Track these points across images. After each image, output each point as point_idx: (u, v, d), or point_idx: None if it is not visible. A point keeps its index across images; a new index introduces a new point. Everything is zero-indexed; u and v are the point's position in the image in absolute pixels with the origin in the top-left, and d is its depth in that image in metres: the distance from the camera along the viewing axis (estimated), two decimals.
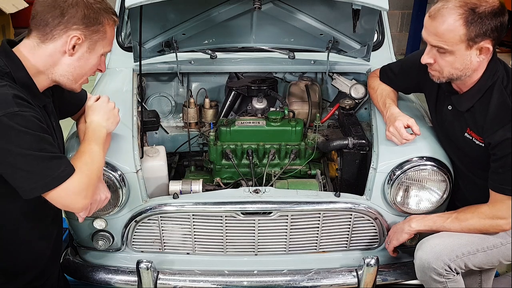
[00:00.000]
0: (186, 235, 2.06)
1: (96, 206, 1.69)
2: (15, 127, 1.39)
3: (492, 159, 1.79)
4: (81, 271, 2.12)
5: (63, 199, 1.52)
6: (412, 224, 1.93)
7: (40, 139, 1.45)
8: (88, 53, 1.59)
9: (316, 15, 2.43)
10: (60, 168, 1.48)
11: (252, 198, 1.97)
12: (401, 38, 7.18)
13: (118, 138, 1.99)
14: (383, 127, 2.10)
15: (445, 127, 2.00)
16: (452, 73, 1.78)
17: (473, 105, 1.84)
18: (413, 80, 2.16)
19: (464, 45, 1.69)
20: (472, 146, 1.87)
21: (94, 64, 1.63)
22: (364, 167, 2.21)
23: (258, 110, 2.59)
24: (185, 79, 2.82)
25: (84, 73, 1.63)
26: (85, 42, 1.56)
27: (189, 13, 2.38)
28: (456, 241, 1.84)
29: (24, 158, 1.41)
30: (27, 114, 1.42)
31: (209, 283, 2.04)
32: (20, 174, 1.44)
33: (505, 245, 1.86)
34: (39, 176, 1.45)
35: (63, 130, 1.86)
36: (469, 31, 1.66)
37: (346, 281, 2.03)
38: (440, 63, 1.78)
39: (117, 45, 2.80)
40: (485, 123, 1.78)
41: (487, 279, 2.16)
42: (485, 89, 1.80)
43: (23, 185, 1.46)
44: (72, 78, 1.61)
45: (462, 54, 1.72)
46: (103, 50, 1.63)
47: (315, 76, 2.85)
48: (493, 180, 1.80)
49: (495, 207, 1.81)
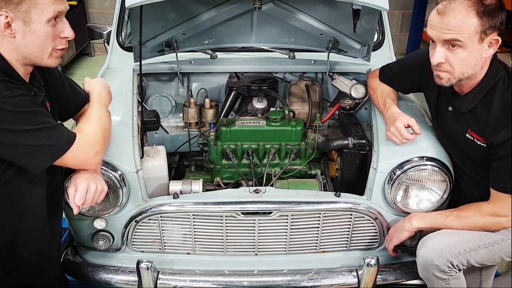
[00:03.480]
0: (186, 235, 2.06)
1: (92, 196, 1.66)
2: (11, 110, 1.40)
3: (493, 158, 1.79)
4: (81, 271, 2.12)
5: (75, 161, 1.60)
6: (413, 221, 1.93)
7: (37, 114, 1.47)
8: (27, 26, 1.45)
9: (317, 15, 2.43)
10: (63, 135, 1.53)
11: (252, 198, 1.97)
12: (401, 38, 7.18)
13: (118, 138, 1.99)
14: (383, 127, 2.10)
15: (446, 128, 2.00)
16: (463, 71, 1.76)
17: (475, 106, 1.84)
18: (414, 80, 2.16)
19: (478, 37, 1.69)
20: (473, 146, 1.87)
21: (46, 34, 1.49)
22: (364, 167, 2.21)
23: (258, 110, 2.59)
24: (185, 79, 2.82)
25: (41, 47, 1.51)
26: (17, 18, 1.43)
27: (189, 13, 2.38)
28: (458, 238, 1.85)
29: (27, 134, 1.44)
30: (19, 94, 1.43)
31: (209, 283, 2.04)
32: (26, 150, 1.46)
33: (506, 241, 1.86)
34: (46, 147, 1.48)
35: None
36: (483, 22, 1.67)
37: (346, 281, 2.03)
38: (452, 61, 1.75)
39: (117, 45, 2.81)
40: (488, 123, 1.78)
41: (486, 279, 2.16)
42: (487, 90, 1.81)
43: (32, 160, 1.47)
44: (34, 57, 1.52)
45: (475, 48, 1.71)
46: (44, 17, 1.46)
47: (315, 76, 2.85)
48: (494, 179, 1.81)
49: (496, 205, 1.81)
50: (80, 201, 1.64)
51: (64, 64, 6.20)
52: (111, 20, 3.00)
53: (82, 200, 1.64)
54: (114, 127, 1.99)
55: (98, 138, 1.67)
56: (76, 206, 1.65)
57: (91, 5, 6.99)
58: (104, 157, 1.84)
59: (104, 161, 1.86)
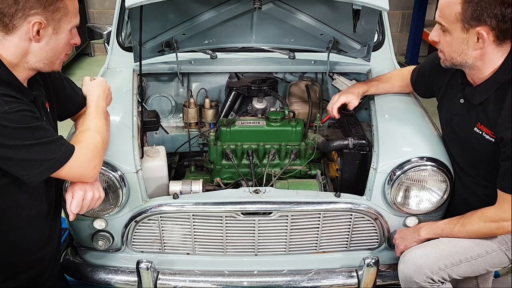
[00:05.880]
0: (186, 235, 2.06)
1: (88, 204, 1.66)
2: (9, 125, 1.40)
3: (502, 158, 1.73)
4: (81, 271, 2.12)
5: (72, 174, 1.60)
6: (421, 233, 1.92)
7: (35, 129, 1.46)
8: (55, 34, 1.51)
9: (317, 15, 2.43)
10: (61, 149, 1.52)
11: (252, 198, 1.97)
12: (402, 38, 7.17)
13: (118, 138, 1.99)
14: (383, 127, 2.10)
15: (454, 121, 1.95)
16: (452, 56, 1.78)
17: (487, 98, 1.79)
18: (428, 80, 2.17)
19: (460, 25, 1.68)
20: (480, 141, 1.82)
21: (65, 42, 1.56)
22: (364, 167, 2.21)
23: (258, 110, 2.59)
24: (185, 79, 2.82)
25: (58, 53, 1.57)
26: (49, 25, 1.48)
27: (189, 13, 2.38)
28: (438, 253, 1.82)
29: (23, 148, 1.43)
30: (18, 110, 1.43)
31: (209, 283, 2.04)
32: (24, 163, 1.46)
33: (491, 254, 1.83)
34: (43, 162, 1.48)
35: (63, 130, 1.87)
36: (464, 11, 1.65)
37: (346, 282, 2.03)
38: (442, 43, 1.80)
39: (117, 45, 2.81)
40: (500, 117, 1.72)
41: (484, 281, 2.15)
42: (500, 83, 1.75)
43: (28, 173, 1.48)
44: (47, 62, 1.55)
45: (459, 37, 1.71)
46: (70, 26, 1.54)
47: (315, 76, 2.85)
48: (503, 180, 1.74)
49: (501, 208, 1.77)
50: (76, 209, 1.64)
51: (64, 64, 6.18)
52: (111, 20, 3.00)
53: (78, 208, 1.64)
54: (114, 127, 1.99)
55: (97, 151, 1.64)
56: (72, 214, 1.65)
57: (91, 5, 6.99)
58: (104, 157, 1.83)
59: (104, 161, 1.85)
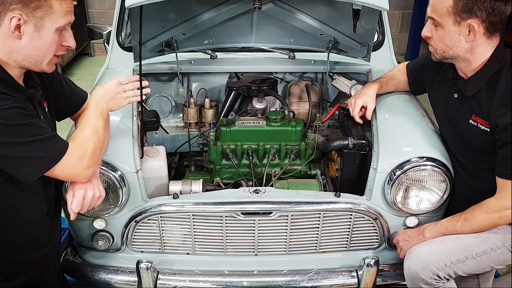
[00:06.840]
0: (186, 235, 2.06)
1: (89, 202, 1.66)
2: (1, 122, 1.39)
3: (498, 145, 1.75)
4: (81, 271, 2.12)
5: (65, 174, 1.58)
6: (426, 234, 1.92)
7: (28, 126, 1.45)
8: (37, 32, 1.47)
9: (316, 15, 2.43)
10: (53, 148, 1.50)
11: (252, 198, 1.97)
12: (401, 38, 7.18)
13: (118, 138, 1.99)
14: (383, 127, 2.10)
15: (450, 116, 1.97)
16: (444, 50, 1.82)
17: (479, 89, 1.82)
18: (420, 78, 2.20)
19: (452, 19, 1.72)
20: (476, 133, 1.84)
21: (52, 42, 1.51)
22: (364, 167, 2.21)
23: (258, 110, 2.59)
24: (185, 79, 2.83)
25: (44, 52, 1.52)
26: (29, 21, 1.44)
27: (189, 13, 2.38)
28: (444, 249, 1.83)
29: (17, 146, 1.43)
30: (10, 107, 1.42)
31: (209, 283, 2.04)
32: (16, 161, 1.45)
33: (495, 251, 1.84)
34: (35, 160, 1.47)
35: (63, 130, 1.86)
36: (456, 4, 1.69)
37: (346, 282, 2.03)
38: (434, 38, 1.83)
39: (117, 45, 2.81)
40: (492, 106, 1.75)
41: (485, 281, 2.15)
42: (491, 74, 1.79)
43: (21, 171, 1.47)
44: (34, 61, 1.52)
45: (451, 30, 1.75)
46: (55, 25, 1.49)
47: (315, 76, 2.85)
48: (501, 167, 1.76)
49: (502, 196, 1.77)
50: (77, 208, 1.63)
51: (64, 64, 6.20)
52: (111, 20, 3.00)
53: (79, 207, 1.63)
54: (114, 127, 1.99)
55: (91, 150, 1.62)
56: (73, 213, 1.65)
57: (91, 5, 7.00)
58: (104, 157, 1.84)
59: (104, 161, 1.86)
